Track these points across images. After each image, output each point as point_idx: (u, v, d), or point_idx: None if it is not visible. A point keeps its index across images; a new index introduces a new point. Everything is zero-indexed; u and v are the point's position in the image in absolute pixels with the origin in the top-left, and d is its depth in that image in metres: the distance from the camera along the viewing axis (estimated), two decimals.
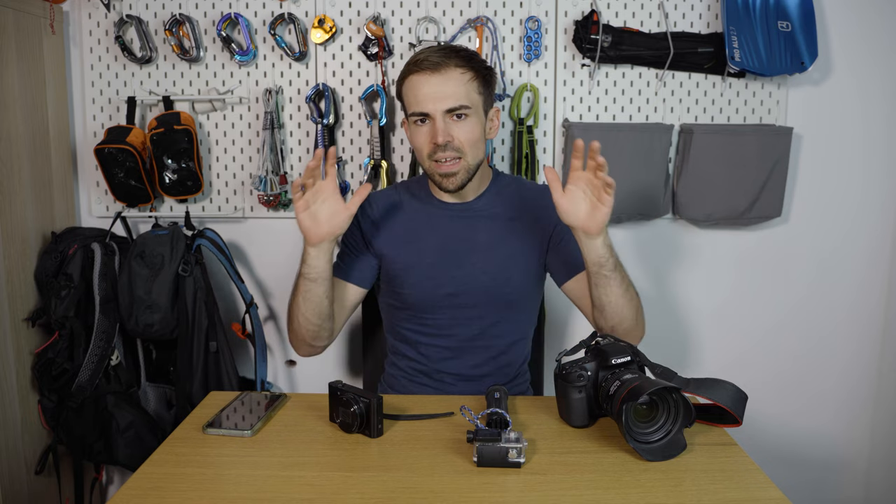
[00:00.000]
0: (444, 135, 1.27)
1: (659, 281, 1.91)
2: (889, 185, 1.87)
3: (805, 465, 1.98)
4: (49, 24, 1.74)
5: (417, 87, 1.29)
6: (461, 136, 1.29)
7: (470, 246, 1.37)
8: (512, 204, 1.40)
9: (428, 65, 1.28)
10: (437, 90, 1.27)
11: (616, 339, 1.09)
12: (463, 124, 1.29)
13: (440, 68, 1.27)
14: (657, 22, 1.77)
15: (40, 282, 1.70)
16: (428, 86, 1.28)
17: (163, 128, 1.70)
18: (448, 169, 1.30)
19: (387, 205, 1.42)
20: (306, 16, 1.77)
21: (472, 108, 1.29)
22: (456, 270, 1.35)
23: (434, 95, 1.27)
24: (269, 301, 1.94)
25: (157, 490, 0.90)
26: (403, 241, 1.39)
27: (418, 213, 1.41)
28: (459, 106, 1.27)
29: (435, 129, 1.28)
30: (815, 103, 1.82)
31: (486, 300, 1.36)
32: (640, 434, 0.96)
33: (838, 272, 1.91)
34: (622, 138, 1.73)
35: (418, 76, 1.29)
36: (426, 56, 1.29)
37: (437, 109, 1.27)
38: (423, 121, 1.30)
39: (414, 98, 1.30)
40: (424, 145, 1.31)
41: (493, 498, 0.88)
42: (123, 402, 1.71)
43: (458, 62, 1.28)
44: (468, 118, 1.29)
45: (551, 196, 1.32)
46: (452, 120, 1.28)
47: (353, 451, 1.00)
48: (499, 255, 1.36)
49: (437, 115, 1.27)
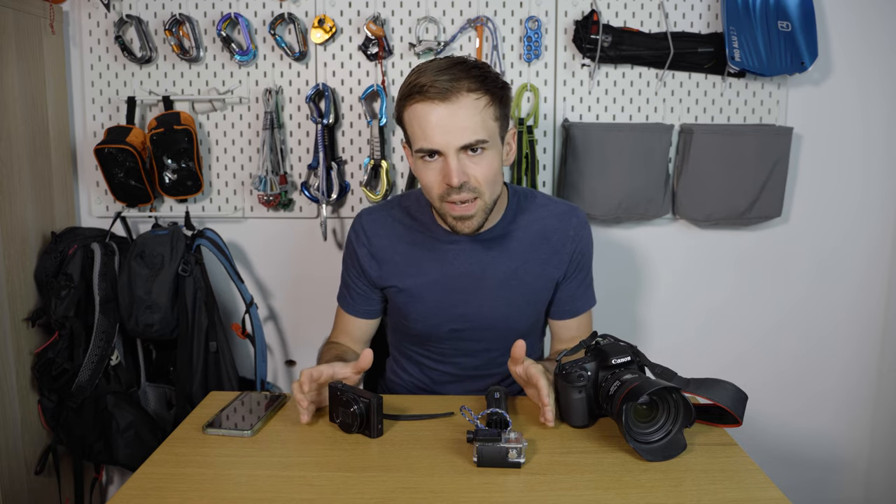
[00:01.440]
0: (460, 175, 1.09)
1: (659, 281, 1.91)
2: (889, 185, 1.87)
3: (805, 465, 1.98)
4: (49, 24, 1.74)
5: (424, 117, 1.09)
6: (478, 175, 1.11)
7: (480, 281, 1.25)
8: (530, 233, 1.27)
9: (436, 92, 1.07)
10: (449, 123, 1.08)
11: (616, 340, 1.08)
12: (479, 160, 1.11)
13: (450, 96, 1.07)
14: (657, 22, 1.77)
15: (40, 282, 1.70)
16: (437, 117, 1.08)
17: (163, 128, 1.70)
18: (463, 212, 1.14)
19: (384, 233, 1.30)
20: (306, 16, 1.77)
21: (490, 140, 1.11)
22: (464, 307, 1.26)
23: (445, 129, 1.08)
24: (269, 301, 1.94)
25: (157, 490, 0.90)
26: (405, 273, 1.28)
27: (420, 242, 1.27)
28: (475, 141, 1.09)
29: (448, 168, 1.10)
30: (815, 103, 1.82)
31: (493, 336, 1.29)
32: (640, 434, 0.96)
33: (838, 272, 1.91)
34: (622, 138, 1.73)
35: (424, 105, 1.09)
36: (432, 79, 1.08)
37: (450, 146, 1.09)
38: (432, 156, 1.12)
39: (420, 131, 1.10)
40: (435, 185, 1.13)
41: (493, 498, 0.88)
42: (123, 402, 1.71)
43: (470, 85, 1.08)
44: (485, 152, 1.11)
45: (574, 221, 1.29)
46: (467, 156, 1.11)
47: (353, 451, 1.00)
48: (511, 290, 1.25)
49: (449, 153, 1.09)
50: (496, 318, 1.28)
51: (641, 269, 1.90)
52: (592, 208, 1.76)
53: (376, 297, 1.34)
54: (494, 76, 1.14)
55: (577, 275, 1.30)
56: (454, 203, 1.14)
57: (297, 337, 1.95)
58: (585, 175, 1.74)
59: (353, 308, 1.34)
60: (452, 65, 1.11)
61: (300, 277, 1.90)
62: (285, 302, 1.94)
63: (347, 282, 1.35)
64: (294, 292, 1.92)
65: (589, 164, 1.74)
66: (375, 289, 1.33)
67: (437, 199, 1.15)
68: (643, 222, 1.86)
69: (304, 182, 1.81)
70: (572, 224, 1.29)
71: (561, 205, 1.32)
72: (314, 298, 1.87)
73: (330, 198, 1.78)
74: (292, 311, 1.94)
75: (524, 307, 1.29)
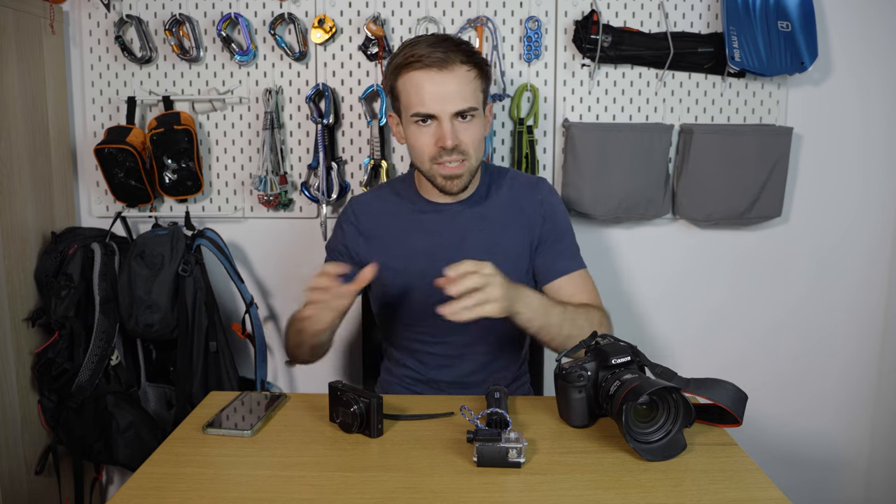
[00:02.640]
0: (453, 138, 1.21)
1: (659, 281, 1.91)
2: (889, 185, 1.87)
3: (805, 465, 1.98)
4: (49, 24, 1.74)
5: (421, 84, 1.20)
6: (467, 139, 1.23)
7: (460, 249, 1.31)
8: (504, 201, 1.36)
9: (433, 61, 1.18)
10: (444, 90, 1.19)
11: (616, 339, 1.09)
12: (469, 125, 1.23)
13: (446, 65, 1.19)
14: (657, 22, 1.77)
15: (40, 282, 1.70)
16: (433, 84, 1.20)
17: (163, 128, 1.70)
18: (453, 171, 1.25)
19: (372, 211, 1.38)
20: (306, 16, 1.77)
21: (478, 108, 1.24)
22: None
23: (441, 95, 1.20)
24: (269, 301, 1.94)
25: (157, 490, 0.90)
26: (391, 248, 1.34)
27: (405, 216, 1.36)
28: (468, 108, 1.21)
29: (442, 131, 1.21)
30: (815, 103, 1.82)
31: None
32: (640, 434, 0.96)
33: (838, 272, 1.91)
34: (622, 138, 1.73)
35: (421, 73, 1.20)
36: (428, 51, 1.19)
37: (445, 111, 1.20)
38: (426, 121, 1.23)
39: (417, 97, 1.21)
40: (427, 147, 1.24)
41: (493, 498, 0.88)
42: (123, 402, 1.71)
43: (462, 58, 1.20)
44: (474, 119, 1.24)
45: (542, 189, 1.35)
46: (458, 121, 1.22)
47: (353, 451, 1.00)
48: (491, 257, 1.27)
49: (444, 117, 1.21)
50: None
51: (641, 269, 1.90)
52: (592, 208, 1.76)
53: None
54: (479, 52, 1.26)
55: (553, 238, 1.34)
56: (444, 163, 1.24)
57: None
58: (585, 175, 1.74)
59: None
60: (443, 40, 1.23)
61: (300, 277, 1.89)
62: (285, 302, 1.94)
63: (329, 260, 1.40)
64: (294, 292, 1.92)
65: (589, 164, 1.74)
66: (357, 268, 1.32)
67: (429, 160, 1.26)
68: (643, 222, 1.86)
69: (304, 182, 1.81)
70: (540, 191, 1.38)
71: (530, 177, 1.45)
72: None
73: (330, 198, 1.78)
74: (292, 311, 1.93)
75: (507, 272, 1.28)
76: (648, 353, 1.08)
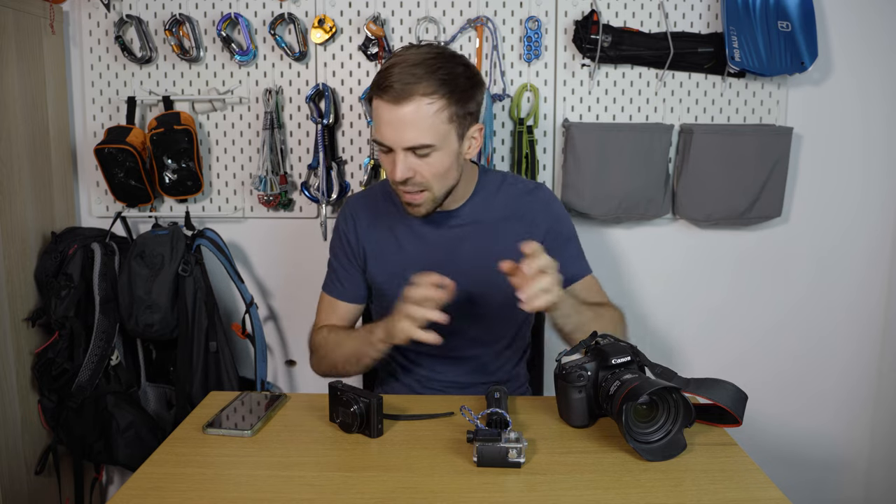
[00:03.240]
0: (404, 171, 1.16)
1: (659, 281, 1.91)
2: (889, 185, 1.87)
3: (805, 465, 1.98)
4: (49, 24, 1.74)
5: (379, 113, 1.15)
6: (425, 172, 1.17)
7: (455, 257, 1.29)
8: (499, 208, 1.32)
9: (391, 94, 1.12)
10: (398, 124, 1.13)
11: (616, 339, 1.08)
12: (427, 160, 1.16)
13: (402, 99, 1.11)
14: (657, 22, 1.77)
15: (40, 282, 1.70)
16: (388, 116, 1.13)
17: (163, 128, 1.70)
18: (411, 199, 1.21)
19: (367, 215, 1.36)
20: (306, 16, 1.77)
21: (437, 143, 1.15)
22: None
23: (393, 128, 1.14)
24: (269, 301, 1.94)
25: (157, 490, 0.90)
26: (385, 253, 1.33)
27: (398, 223, 1.33)
28: (420, 145, 1.14)
29: (394, 164, 1.16)
30: (815, 103, 1.82)
31: (475, 312, 1.31)
32: (640, 434, 0.96)
33: (838, 272, 1.91)
34: (622, 138, 1.73)
35: (380, 103, 1.14)
36: (393, 79, 1.12)
37: (397, 145, 1.15)
38: (384, 148, 1.18)
39: (376, 124, 1.17)
40: (388, 174, 1.20)
41: (493, 498, 0.88)
42: (123, 402, 1.71)
43: (426, 88, 1.11)
44: (433, 153, 1.16)
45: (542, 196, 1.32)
46: (414, 155, 1.16)
47: (353, 451, 1.00)
48: (486, 265, 1.26)
49: (397, 150, 1.15)
50: (476, 292, 1.29)
51: (641, 269, 1.90)
52: (592, 208, 1.76)
53: (363, 281, 1.37)
54: (459, 77, 1.15)
55: (558, 245, 1.31)
56: (402, 191, 1.21)
57: (297, 337, 1.95)
58: (585, 175, 1.74)
59: (342, 293, 1.37)
60: (422, 61, 1.13)
61: (300, 277, 1.89)
62: (285, 302, 1.94)
63: (335, 266, 1.38)
64: (294, 292, 1.92)
65: (589, 164, 1.74)
66: (361, 271, 1.36)
67: (391, 184, 1.23)
68: (643, 222, 1.86)
69: (304, 182, 1.81)
70: (540, 199, 1.34)
71: (529, 183, 1.38)
72: (314, 298, 1.85)
73: (330, 198, 1.78)
74: (292, 311, 1.94)
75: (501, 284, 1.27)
76: (648, 353, 1.08)
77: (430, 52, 1.16)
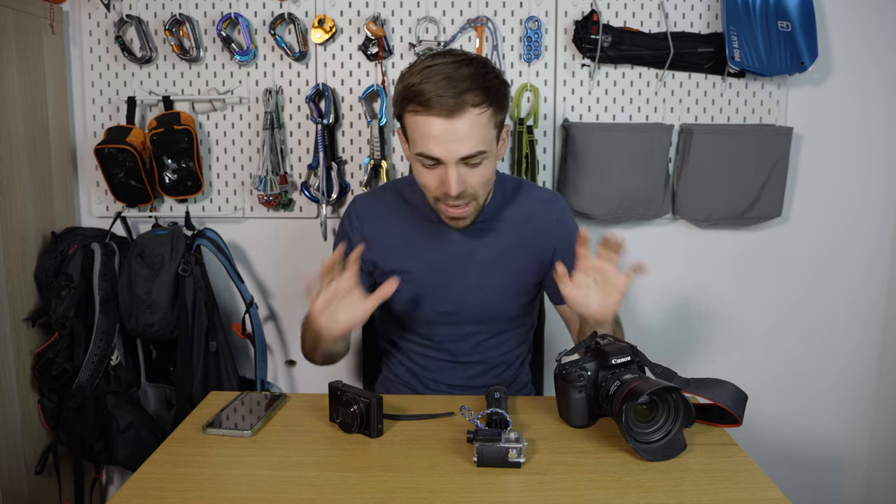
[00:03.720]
0: (459, 185, 1.13)
1: (659, 281, 1.91)
2: (889, 185, 1.87)
3: (805, 465, 1.98)
4: (49, 24, 1.74)
5: (426, 128, 1.11)
6: (475, 182, 1.16)
7: (467, 263, 1.29)
8: (515, 216, 1.31)
9: (441, 108, 1.09)
10: (452, 137, 1.10)
11: (616, 339, 1.09)
12: (478, 169, 1.15)
13: (456, 113, 1.09)
14: (657, 22, 1.77)
15: (40, 282, 1.70)
16: (440, 130, 1.10)
17: (163, 128, 1.70)
18: (458, 213, 1.19)
19: (376, 216, 1.34)
20: (306, 16, 1.77)
21: (489, 150, 1.15)
22: (452, 288, 1.29)
23: (447, 142, 1.11)
24: (269, 301, 1.94)
25: (157, 490, 0.90)
26: (396, 253, 1.31)
27: (412, 224, 1.31)
28: (477, 153, 1.12)
29: (448, 178, 1.13)
30: (815, 103, 1.82)
31: (483, 318, 1.31)
32: (640, 434, 0.96)
33: (838, 272, 1.91)
34: (622, 138, 1.73)
35: (427, 118, 1.10)
36: (438, 92, 1.08)
37: (451, 157, 1.12)
38: (431, 162, 1.15)
39: (422, 140, 1.13)
40: (432, 188, 1.17)
41: (493, 498, 0.88)
42: (123, 402, 1.71)
43: (474, 99, 1.10)
44: (484, 161, 1.15)
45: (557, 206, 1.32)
46: (466, 166, 1.14)
47: (353, 451, 1.00)
48: (498, 272, 1.28)
49: (450, 163, 1.12)
50: (484, 300, 1.30)
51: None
52: (592, 208, 1.76)
53: (364, 283, 1.35)
54: (497, 83, 1.15)
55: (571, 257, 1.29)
56: (449, 206, 1.19)
57: (297, 337, 1.94)
58: (585, 175, 1.74)
59: None
60: (457, 71, 1.10)
61: (300, 277, 1.89)
62: (285, 302, 1.94)
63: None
64: (294, 292, 1.92)
65: (589, 164, 1.74)
66: (364, 273, 1.34)
67: (433, 199, 1.21)
68: (643, 222, 1.86)
69: (304, 182, 1.81)
70: (556, 208, 1.35)
71: (545, 191, 1.39)
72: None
73: (330, 198, 1.78)
74: (292, 311, 1.94)
75: (511, 290, 1.31)
76: (648, 353, 1.08)
77: (464, 60, 1.13)
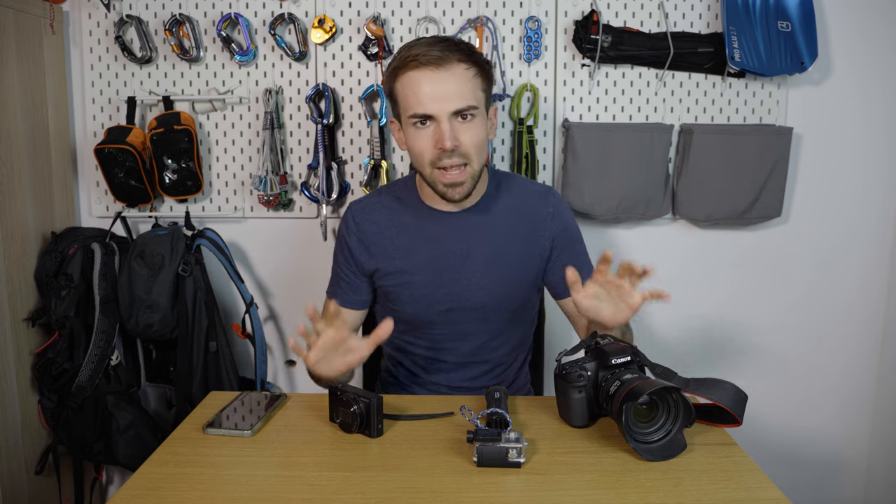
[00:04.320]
0: (452, 139, 1.15)
1: (659, 281, 1.89)
2: (889, 185, 1.87)
3: (805, 465, 1.98)
4: (49, 24, 1.74)
5: (418, 84, 1.16)
6: (468, 140, 1.17)
7: (466, 259, 1.29)
8: (511, 211, 1.31)
9: (429, 60, 1.15)
10: (442, 88, 1.15)
11: (616, 340, 1.09)
12: (469, 126, 1.18)
13: (443, 63, 1.15)
14: (657, 22, 1.77)
15: (40, 282, 1.70)
16: (430, 84, 1.15)
17: (163, 128, 1.70)
18: (454, 178, 1.19)
19: (373, 219, 1.33)
20: (306, 16, 1.77)
21: (479, 107, 1.18)
22: (452, 286, 1.29)
23: (438, 95, 1.15)
24: (269, 301, 1.94)
25: (157, 490, 0.90)
26: (395, 256, 1.31)
27: (409, 224, 1.31)
28: (467, 106, 1.16)
29: (441, 132, 1.16)
30: (815, 103, 1.82)
31: (484, 316, 1.31)
32: (640, 434, 0.96)
33: (838, 272, 1.91)
34: (622, 138, 1.73)
35: (418, 72, 1.16)
36: (425, 50, 1.15)
37: (443, 111, 1.15)
38: (424, 122, 1.18)
39: (414, 97, 1.17)
40: (427, 150, 1.19)
41: (493, 498, 0.88)
42: (123, 402, 1.71)
43: (460, 56, 1.16)
44: (474, 119, 1.18)
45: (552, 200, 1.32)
46: (458, 122, 1.17)
47: (353, 451, 1.00)
48: (497, 268, 1.29)
49: (442, 117, 1.16)
50: (484, 296, 1.29)
51: None
52: (592, 208, 1.76)
53: (366, 288, 1.36)
54: (481, 57, 1.22)
55: (568, 250, 1.32)
56: (445, 169, 1.19)
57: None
58: (585, 175, 1.74)
59: (344, 298, 1.35)
60: (441, 40, 1.20)
61: (300, 277, 1.89)
62: (285, 302, 1.94)
63: (338, 272, 1.37)
64: (294, 292, 1.92)
65: (589, 164, 1.74)
66: (365, 277, 1.35)
67: (429, 165, 1.20)
68: (643, 222, 1.86)
69: (304, 182, 1.81)
70: (550, 202, 1.34)
71: (538, 185, 1.39)
72: (314, 298, 1.83)
73: (330, 198, 1.78)
74: (292, 311, 1.94)
75: (511, 285, 1.31)
76: (648, 353, 1.08)
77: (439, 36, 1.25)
